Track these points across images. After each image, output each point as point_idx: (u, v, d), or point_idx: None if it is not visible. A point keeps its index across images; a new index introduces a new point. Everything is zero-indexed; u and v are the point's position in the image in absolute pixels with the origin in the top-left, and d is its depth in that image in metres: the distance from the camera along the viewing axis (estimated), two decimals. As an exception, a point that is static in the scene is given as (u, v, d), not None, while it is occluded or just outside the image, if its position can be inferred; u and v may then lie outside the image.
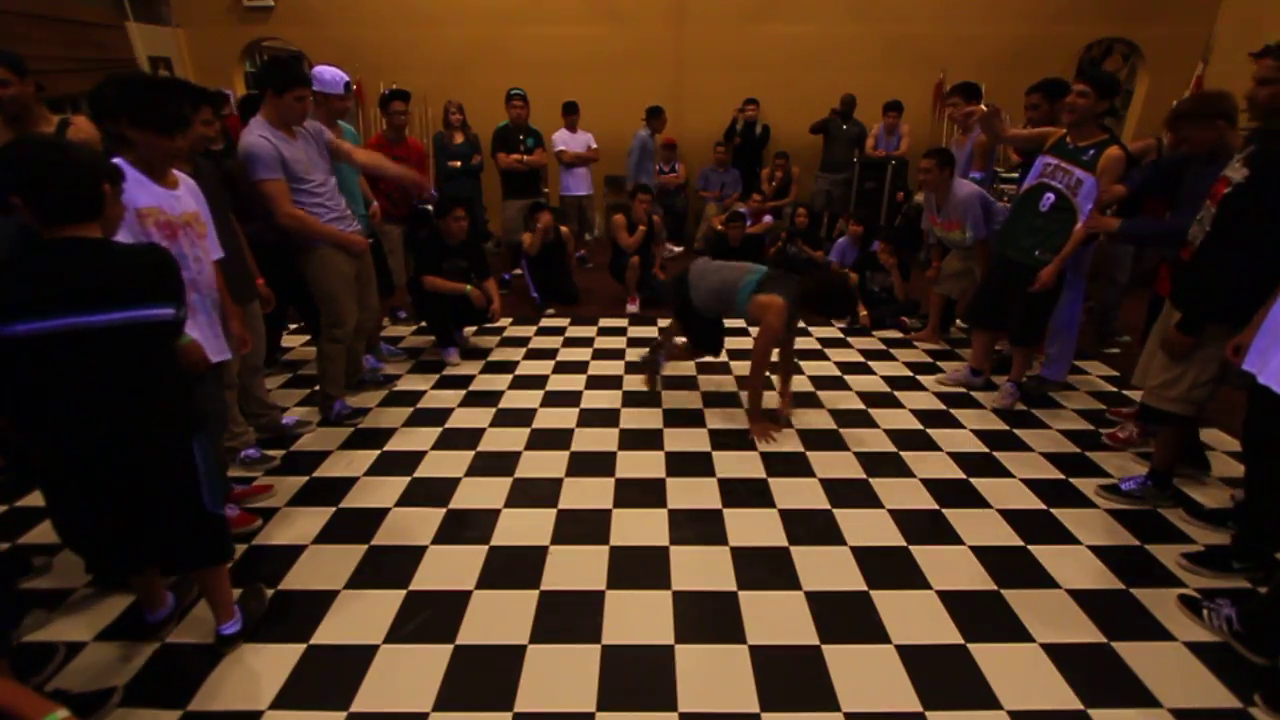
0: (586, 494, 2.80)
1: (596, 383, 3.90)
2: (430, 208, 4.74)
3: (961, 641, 2.04)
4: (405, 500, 2.76)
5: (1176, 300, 2.53)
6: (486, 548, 2.47)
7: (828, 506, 2.72)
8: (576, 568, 2.35)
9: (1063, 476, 2.96)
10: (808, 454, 3.12)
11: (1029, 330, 3.47)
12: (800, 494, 2.81)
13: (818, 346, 4.51)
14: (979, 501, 2.77)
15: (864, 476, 2.94)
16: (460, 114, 5.70)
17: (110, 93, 2.06)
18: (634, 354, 4.33)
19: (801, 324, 4.36)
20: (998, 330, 3.68)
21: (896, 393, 3.78)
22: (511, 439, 3.25)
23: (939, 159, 3.86)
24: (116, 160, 2.01)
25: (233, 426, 2.83)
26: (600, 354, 4.35)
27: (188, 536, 1.82)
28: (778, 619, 2.13)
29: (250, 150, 2.81)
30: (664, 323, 4.52)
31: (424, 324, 4.67)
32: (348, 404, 3.47)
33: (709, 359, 3.95)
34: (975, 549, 2.47)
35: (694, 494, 2.80)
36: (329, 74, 3.25)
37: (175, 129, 2.04)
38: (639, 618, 2.13)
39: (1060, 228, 3.17)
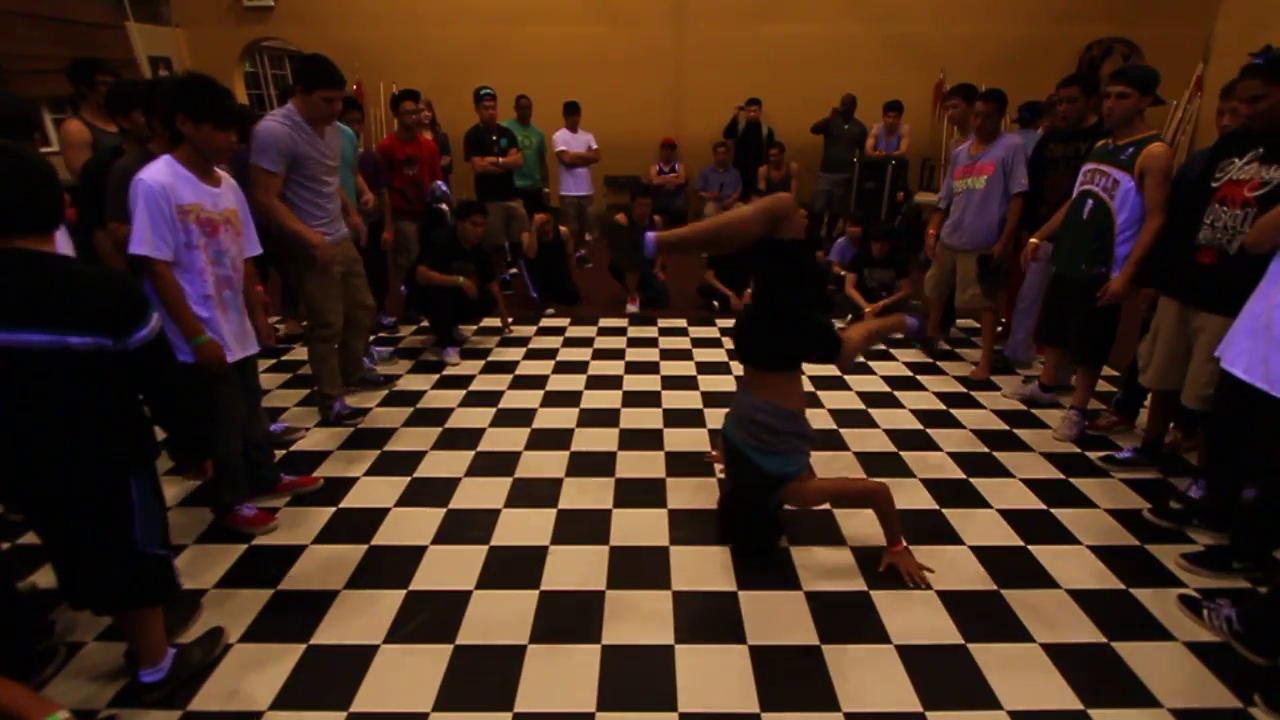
0: (586, 494, 2.80)
1: (596, 383, 3.90)
2: (445, 206, 4.75)
3: (961, 641, 2.04)
4: (405, 500, 2.76)
5: (1207, 302, 2.48)
6: (486, 548, 2.47)
7: (828, 506, 2.72)
8: (576, 568, 2.35)
9: (1063, 476, 2.96)
10: (808, 454, 3.12)
11: (1090, 347, 3.19)
12: (800, 494, 2.81)
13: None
14: (979, 501, 2.77)
15: (864, 477, 2.94)
16: (429, 111, 5.65)
17: (167, 90, 2.15)
18: (634, 354, 4.33)
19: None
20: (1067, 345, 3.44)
21: (896, 393, 3.78)
22: (511, 439, 3.25)
23: (997, 100, 3.64)
24: (165, 157, 2.11)
25: None
26: (600, 354, 4.34)
27: (114, 576, 1.69)
28: (778, 619, 2.13)
29: (263, 135, 2.77)
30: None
31: (424, 324, 4.67)
32: (347, 404, 3.47)
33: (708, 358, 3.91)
34: (975, 549, 2.47)
35: (694, 494, 2.80)
36: None
37: (231, 124, 2.16)
38: (639, 618, 2.13)
39: (1098, 236, 3.02)
